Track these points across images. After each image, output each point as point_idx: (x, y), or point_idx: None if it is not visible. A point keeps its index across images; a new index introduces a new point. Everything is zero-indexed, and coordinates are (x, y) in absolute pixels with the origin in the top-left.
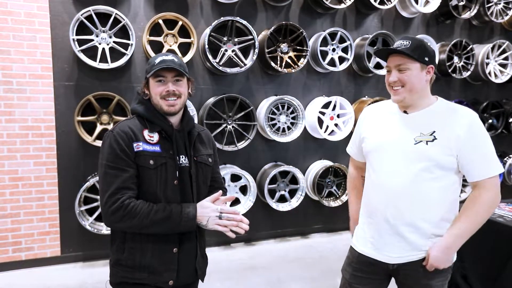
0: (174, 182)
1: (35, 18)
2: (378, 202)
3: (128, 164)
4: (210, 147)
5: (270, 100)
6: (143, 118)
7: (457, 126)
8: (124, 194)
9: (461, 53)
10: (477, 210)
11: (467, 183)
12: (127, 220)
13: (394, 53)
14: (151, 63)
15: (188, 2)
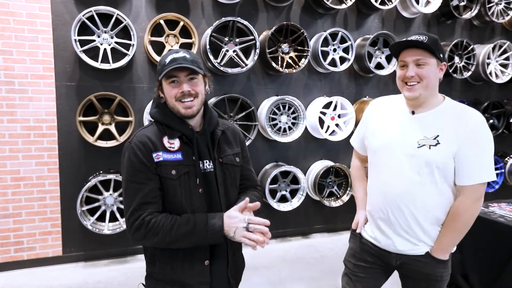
0: (199, 191)
1: (37, 18)
2: (381, 202)
3: (149, 177)
4: (237, 144)
5: (271, 100)
6: (161, 123)
7: (461, 128)
8: (146, 210)
9: (462, 53)
10: (460, 221)
11: None
12: (151, 237)
13: (414, 46)
14: (161, 63)
15: (189, 3)
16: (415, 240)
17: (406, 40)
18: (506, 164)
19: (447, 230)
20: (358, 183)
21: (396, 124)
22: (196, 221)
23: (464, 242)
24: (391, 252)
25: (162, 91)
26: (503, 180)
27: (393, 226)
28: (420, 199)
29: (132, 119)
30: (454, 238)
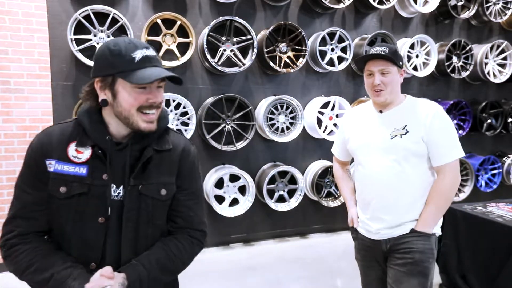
0: (99, 220)
1: (33, 17)
2: (368, 193)
3: (35, 186)
4: (173, 172)
5: (269, 100)
6: (81, 125)
7: (423, 116)
8: (16, 228)
9: (460, 53)
10: (442, 195)
11: (465, 184)
12: (7, 264)
13: (378, 58)
14: (123, 56)
15: (187, 2)
16: (401, 222)
17: (371, 54)
18: (504, 164)
19: (430, 206)
20: (343, 182)
21: (368, 123)
22: (54, 275)
23: (462, 242)
24: (380, 240)
25: (112, 94)
26: (501, 180)
27: (382, 215)
28: (404, 184)
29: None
30: (436, 213)
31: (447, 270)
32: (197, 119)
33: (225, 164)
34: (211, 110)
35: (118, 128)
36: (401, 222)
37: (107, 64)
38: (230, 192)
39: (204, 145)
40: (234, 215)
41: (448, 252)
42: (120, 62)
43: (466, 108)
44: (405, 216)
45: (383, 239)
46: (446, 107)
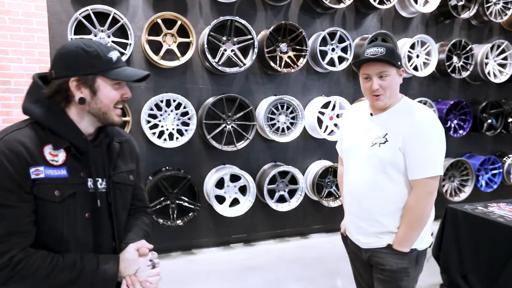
0: (86, 216)
1: (33, 17)
2: (349, 200)
3: (20, 198)
4: (133, 159)
5: (269, 100)
6: (45, 128)
7: (407, 125)
8: (14, 245)
9: (460, 53)
10: (415, 213)
11: (465, 184)
12: (14, 283)
13: (376, 61)
14: (103, 58)
15: (187, 2)
16: (378, 233)
17: (368, 57)
18: (504, 164)
19: (402, 223)
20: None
21: (359, 126)
22: (84, 267)
23: (463, 242)
24: (361, 247)
25: (91, 92)
26: (502, 180)
27: (360, 222)
28: (378, 195)
29: (129, 119)
30: (408, 231)
31: (448, 270)
32: (198, 119)
33: (226, 164)
34: (212, 110)
35: (86, 126)
36: (377, 233)
37: (87, 64)
38: (230, 192)
39: (205, 145)
40: (235, 215)
41: (449, 252)
42: (100, 63)
43: (466, 108)
44: (381, 227)
45: (363, 248)
46: (446, 107)
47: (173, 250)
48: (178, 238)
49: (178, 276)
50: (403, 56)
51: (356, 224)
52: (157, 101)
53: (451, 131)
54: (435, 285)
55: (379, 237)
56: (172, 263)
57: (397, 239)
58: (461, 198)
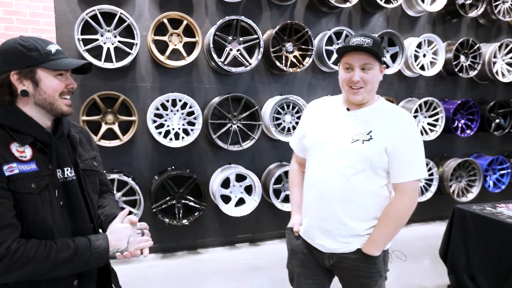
0: (60, 203)
1: (40, 17)
2: (315, 200)
3: (1, 195)
4: (92, 147)
5: (275, 99)
6: (4, 128)
7: (392, 126)
8: (7, 236)
9: (468, 52)
10: (394, 217)
11: (472, 185)
12: (16, 271)
13: (361, 51)
14: (42, 51)
15: (193, 1)
16: (347, 237)
17: (356, 45)
18: None
19: (381, 227)
20: (294, 188)
21: (332, 121)
22: (78, 245)
23: (471, 243)
24: (323, 252)
25: (34, 84)
26: (510, 180)
27: (327, 226)
28: (353, 196)
29: (136, 119)
30: (386, 234)
31: (455, 271)
32: (203, 119)
33: (231, 164)
34: (217, 109)
35: (42, 119)
36: (346, 238)
37: (26, 58)
38: (236, 192)
39: (210, 145)
40: (240, 215)
41: (457, 253)
42: (39, 55)
43: (474, 107)
44: (350, 231)
45: (326, 253)
46: (453, 107)
47: (179, 249)
48: (184, 238)
49: (183, 275)
50: (410, 56)
51: (322, 228)
52: (163, 101)
53: (458, 131)
54: (442, 286)
55: (347, 242)
56: (178, 262)
57: (371, 242)
58: (468, 198)
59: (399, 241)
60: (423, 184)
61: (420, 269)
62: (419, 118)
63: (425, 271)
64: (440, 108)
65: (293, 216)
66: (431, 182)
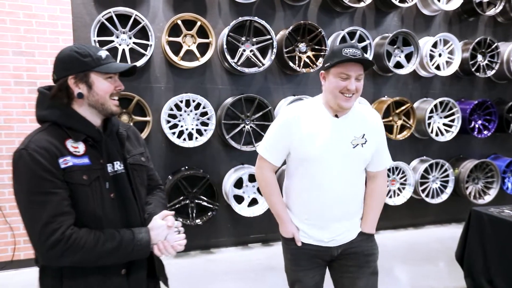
0: (111, 196)
1: (58, 20)
2: (325, 204)
3: (57, 185)
4: (140, 144)
5: (288, 100)
6: (60, 126)
7: (374, 125)
8: (62, 223)
9: (485, 51)
10: (382, 198)
11: (490, 187)
12: (69, 256)
13: (359, 62)
14: (92, 55)
15: (207, 3)
16: (352, 228)
17: (355, 57)
18: None
19: (374, 208)
20: (277, 198)
21: (326, 129)
22: (123, 237)
23: (488, 246)
24: (332, 247)
25: (87, 87)
26: None
27: (340, 223)
28: (358, 191)
29: (150, 119)
30: (376, 215)
31: (472, 274)
32: (217, 119)
33: (244, 164)
34: (231, 110)
35: (93, 118)
36: (352, 228)
37: (81, 63)
38: (249, 192)
39: (224, 145)
40: (253, 215)
41: (474, 256)
42: (92, 60)
43: (491, 108)
44: (354, 221)
45: (335, 246)
46: (470, 107)
47: (192, 249)
48: (197, 238)
49: (196, 275)
50: (425, 55)
51: (337, 225)
52: (176, 101)
53: (475, 132)
54: None
55: (351, 231)
56: (191, 262)
57: (368, 223)
58: (485, 200)
59: (414, 243)
60: (438, 185)
61: (436, 272)
62: (434, 119)
63: (440, 273)
64: (456, 108)
65: (287, 225)
66: (447, 184)
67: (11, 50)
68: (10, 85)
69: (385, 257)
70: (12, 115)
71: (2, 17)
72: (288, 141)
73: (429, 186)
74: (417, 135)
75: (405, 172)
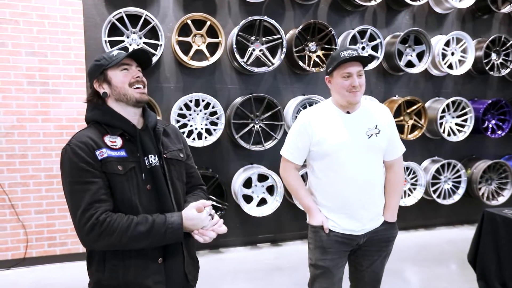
0: (147, 187)
1: (69, 21)
2: (350, 194)
3: (95, 175)
4: (179, 141)
5: (297, 99)
6: (101, 124)
7: (385, 116)
8: (98, 208)
9: (499, 49)
10: (400, 186)
11: (504, 188)
12: (105, 238)
13: (356, 60)
14: (106, 57)
15: (216, 2)
16: (376, 216)
17: (355, 56)
18: None
19: (394, 196)
20: (304, 192)
21: (341, 124)
22: (155, 220)
23: (502, 248)
24: (360, 234)
25: (108, 84)
26: None
27: (366, 211)
28: (378, 179)
29: (160, 119)
30: (397, 202)
31: (485, 277)
32: (226, 119)
33: (253, 164)
34: (240, 110)
35: (128, 114)
36: (376, 216)
37: (98, 67)
38: (258, 192)
39: (233, 145)
40: (262, 215)
41: (487, 258)
42: (105, 60)
43: (505, 107)
44: (378, 209)
45: (362, 234)
46: (483, 107)
47: (201, 248)
48: None
49: (205, 274)
50: (437, 54)
51: (365, 214)
52: (186, 101)
53: (489, 132)
54: None
55: (376, 219)
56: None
57: (390, 212)
58: (499, 202)
59: (425, 244)
60: (450, 186)
61: (448, 274)
62: (446, 118)
63: (452, 276)
64: (469, 108)
65: (316, 215)
66: (459, 185)
67: (24, 50)
68: (23, 85)
69: (396, 258)
70: (25, 115)
71: (15, 18)
72: (307, 141)
73: (440, 187)
74: (429, 135)
75: (416, 172)
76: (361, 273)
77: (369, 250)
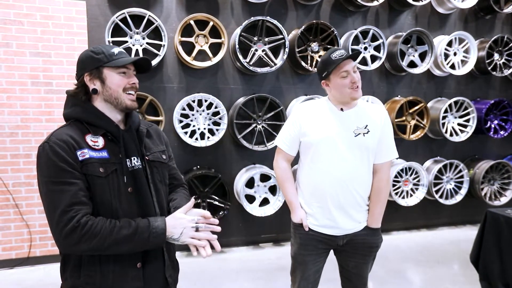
0: (128, 190)
1: (73, 21)
2: (328, 186)
3: (75, 176)
4: (162, 142)
5: (300, 99)
6: (82, 122)
7: (378, 117)
8: (79, 211)
9: (502, 49)
10: (386, 191)
11: (506, 188)
12: (85, 242)
13: (350, 58)
14: (105, 53)
15: (219, 3)
16: (359, 217)
17: (350, 54)
18: None
19: (378, 202)
20: (289, 184)
21: (331, 119)
22: (139, 224)
23: (505, 249)
24: (338, 235)
25: (101, 82)
26: None
27: (344, 209)
28: (361, 180)
29: (163, 119)
30: (382, 209)
31: (488, 277)
32: (229, 119)
33: (256, 164)
34: (242, 110)
35: (112, 114)
36: (357, 220)
37: (94, 60)
38: (260, 192)
39: (235, 145)
40: (265, 215)
41: (489, 258)
42: (104, 56)
43: (508, 107)
44: (358, 211)
45: (341, 235)
46: (486, 107)
47: None
48: None
49: (208, 273)
50: (439, 54)
51: (341, 212)
52: (189, 101)
53: (491, 132)
54: None
55: (359, 222)
56: (203, 260)
57: (373, 217)
58: (501, 202)
59: (427, 244)
60: (453, 186)
61: (450, 275)
62: (449, 119)
63: (455, 276)
64: (471, 108)
65: (297, 211)
66: (461, 185)
67: (28, 51)
68: (27, 85)
69: (398, 258)
70: (29, 115)
71: (20, 19)
72: (297, 131)
73: (443, 187)
74: (431, 135)
75: (418, 172)
76: (348, 273)
77: (354, 253)
